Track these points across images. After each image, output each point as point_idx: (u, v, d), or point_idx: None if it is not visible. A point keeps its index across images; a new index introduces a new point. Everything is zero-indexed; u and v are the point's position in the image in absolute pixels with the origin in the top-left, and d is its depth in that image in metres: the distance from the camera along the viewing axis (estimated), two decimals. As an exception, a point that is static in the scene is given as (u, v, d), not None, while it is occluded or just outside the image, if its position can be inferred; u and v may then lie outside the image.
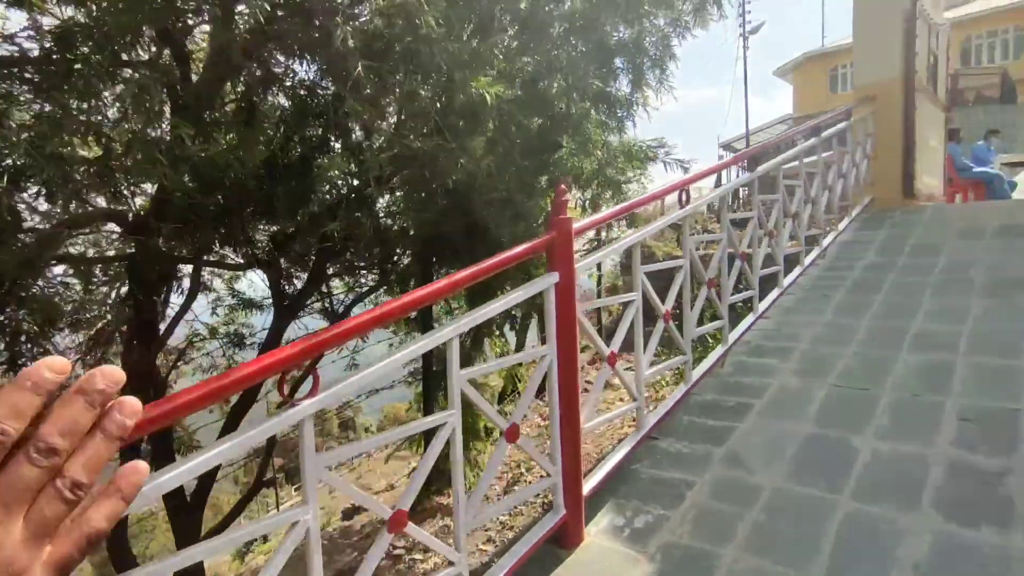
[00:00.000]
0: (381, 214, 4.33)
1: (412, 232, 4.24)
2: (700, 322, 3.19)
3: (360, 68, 2.14)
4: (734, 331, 3.27)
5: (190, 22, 3.03)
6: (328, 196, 3.45)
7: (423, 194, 3.57)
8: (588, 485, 2.18)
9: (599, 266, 12.65)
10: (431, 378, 5.48)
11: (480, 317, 1.85)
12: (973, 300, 3.28)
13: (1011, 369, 2.53)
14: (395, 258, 4.51)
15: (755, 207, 3.42)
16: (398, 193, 4.07)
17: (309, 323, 4.84)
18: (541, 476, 2.18)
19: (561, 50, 3.12)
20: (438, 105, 2.58)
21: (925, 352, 2.84)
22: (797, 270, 4.13)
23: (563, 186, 1.95)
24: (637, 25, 3.35)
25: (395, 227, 4.43)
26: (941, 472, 2.03)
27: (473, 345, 5.69)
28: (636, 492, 2.25)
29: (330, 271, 4.50)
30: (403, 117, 3.07)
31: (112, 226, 3.84)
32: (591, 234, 7.42)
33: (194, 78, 3.22)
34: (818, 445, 2.31)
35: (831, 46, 31.69)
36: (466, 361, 5.44)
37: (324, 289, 4.83)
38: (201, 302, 4.89)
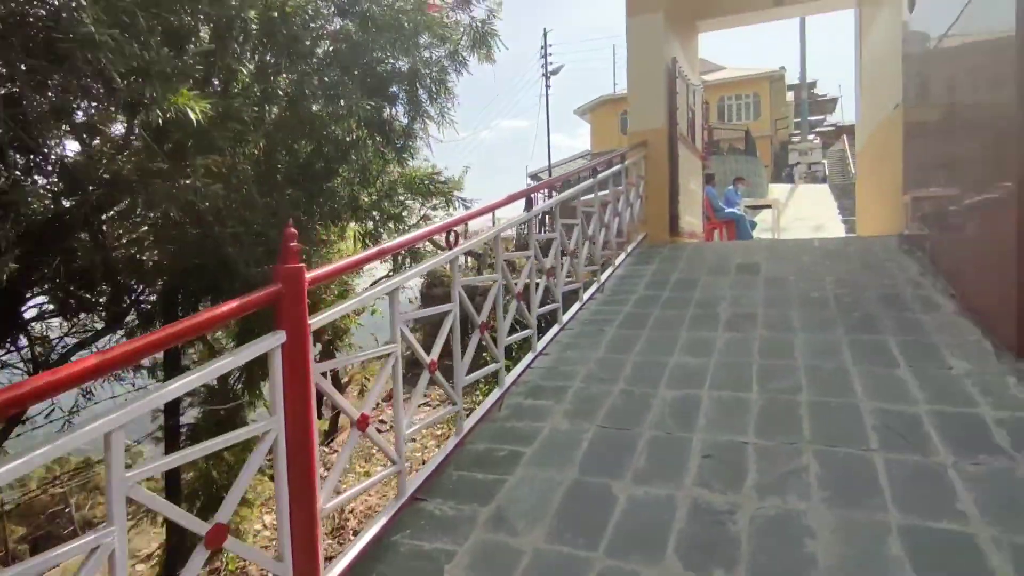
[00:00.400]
0: (119, 243, 3.59)
1: (158, 264, 3.57)
2: (479, 365, 3.07)
3: None
4: (512, 372, 3.22)
5: None
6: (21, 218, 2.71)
7: (163, 222, 2.99)
8: (334, 571, 1.88)
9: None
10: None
11: (194, 381, 1.50)
12: (719, 333, 3.64)
13: (742, 402, 2.79)
14: (133, 295, 3.77)
15: (531, 245, 3.45)
16: (137, 219, 3.40)
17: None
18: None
19: (327, 72, 2.83)
20: (136, 120, 2.13)
21: (679, 387, 3.03)
22: (576, 305, 4.28)
23: (291, 229, 1.65)
24: (415, 54, 3.19)
25: (139, 258, 3.71)
26: (685, 514, 2.09)
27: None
28: (392, 572, 2.00)
29: (30, 311, 3.60)
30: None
31: None
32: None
33: None
34: (581, 495, 2.28)
35: (620, 93, 35.75)
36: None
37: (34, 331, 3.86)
38: None
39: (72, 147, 2.68)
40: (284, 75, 2.82)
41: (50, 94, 1.98)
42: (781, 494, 2.13)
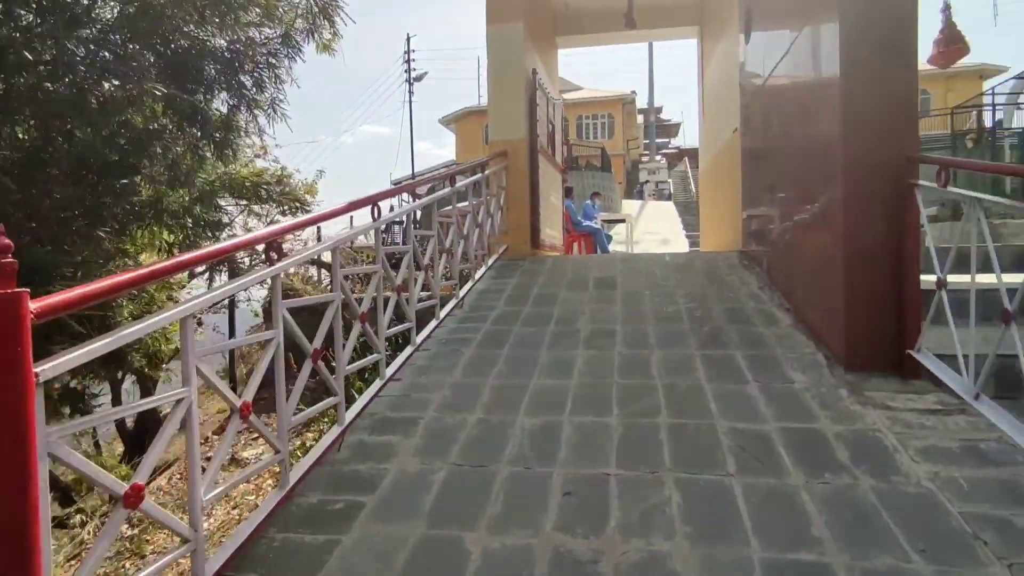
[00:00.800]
0: None
1: None
2: (318, 398, 2.64)
3: None
4: (356, 404, 2.83)
5: None
6: None
7: None
8: None
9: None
10: None
11: None
12: (579, 351, 3.53)
13: (603, 428, 2.65)
14: None
15: (379, 260, 3.09)
16: None
17: None
18: None
19: (111, 43, 2.25)
20: None
21: (540, 413, 2.83)
22: (433, 323, 3.97)
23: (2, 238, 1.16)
24: (236, 31, 2.69)
25: None
26: (546, 568, 1.86)
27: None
28: None
29: None
30: None
31: None
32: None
33: None
34: (429, 555, 1.96)
35: (485, 104, 36.22)
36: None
37: None
38: None
39: None
40: (51, 40, 2.19)
41: None
42: (645, 535, 1.97)
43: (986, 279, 2.50)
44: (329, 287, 3.05)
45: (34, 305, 1.22)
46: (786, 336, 3.54)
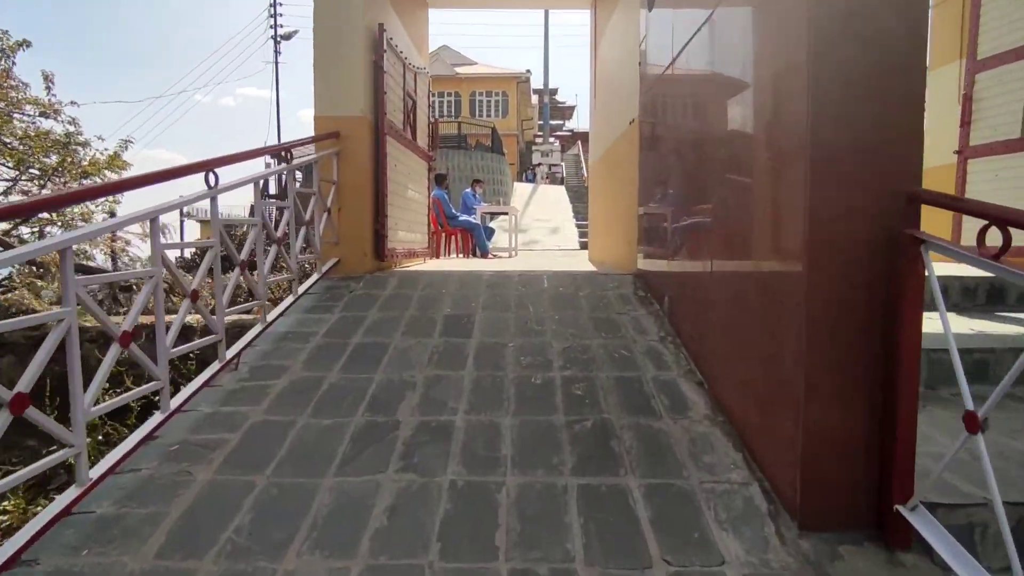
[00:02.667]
0: None
1: None
2: None
3: None
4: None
5: None
6: None
7: None
8: None
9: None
10: None
11: None
12: (387, 475, 2.17)
13: None
14: None
15: (67, 295, 1.53)
16: None
17: None
18: None
19: None
20: None
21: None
22: (179, 398, 2.42)
23: None
24: None
25: None
26: None
27: None
28: None
29: None
30: None
31: None
32: None
33: None
34: None
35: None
36: None
37: None
38: None
39: None
40: None
41: None
42: None
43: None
44: None
45: None
46: (702, 441, 2.38)
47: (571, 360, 3.07)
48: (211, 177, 2.73)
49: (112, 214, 8.43)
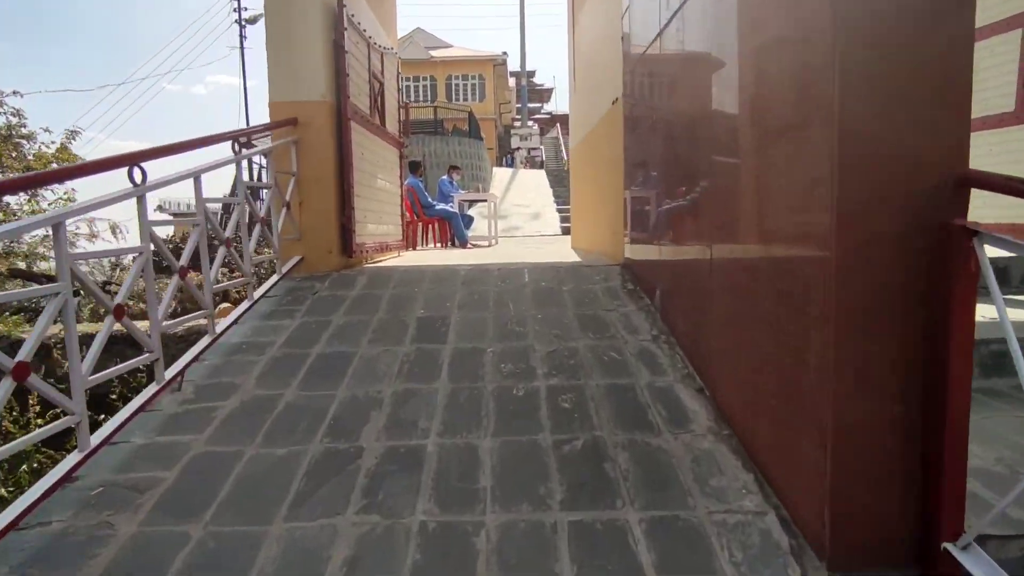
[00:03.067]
0: None
1: None
2: None
3: None
4: None
5: None
6: None
7: None
8: None
9: None
10: None
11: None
12: (346, 517, 1.86)
13: None
14: None
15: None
16: None
17: None
18: None
19: None
20: None
21: None
22: (109, 427, 2.08)
23: None
24: None
25: None
26: None
27: None
28: None
29: None
30: None
31: None
32: None
33: None
34: None
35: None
36: None
37: None
38: None
39: None
40: None
41: None
42: None
43: None
44: None
45: None
46: (707, 460, 2.10)
47: (557, 366, 2.77)
48: (137, 173, 2.35)
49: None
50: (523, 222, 16.61)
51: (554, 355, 2.89)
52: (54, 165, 7.27)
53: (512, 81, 40.36)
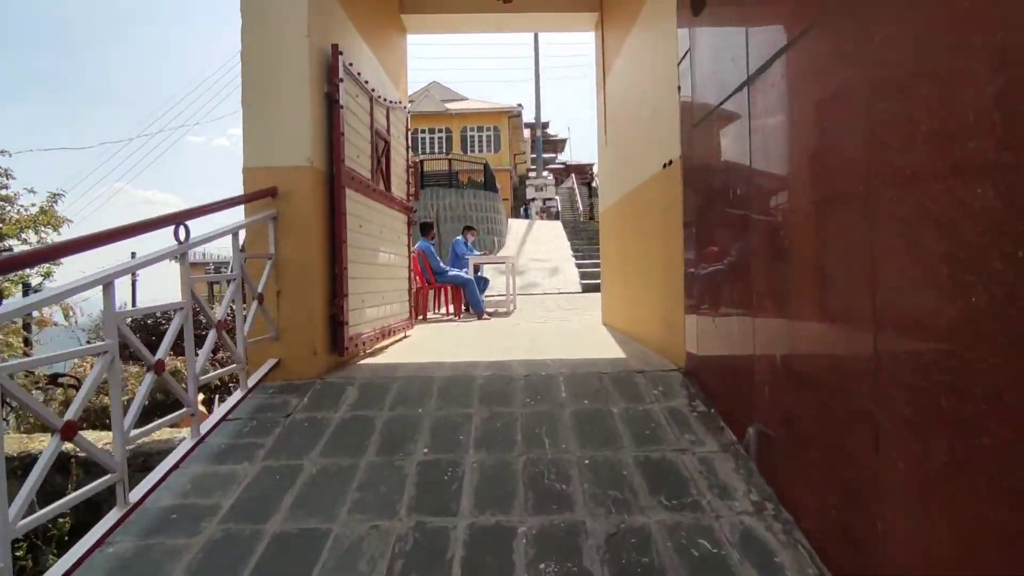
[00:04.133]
0: None
1: None
2: None
3: None
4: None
5: None
6: None
7: None
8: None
9: None
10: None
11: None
12: None
13: None
14: None
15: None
16: None
17: None
18: None
19: None
20: None
21: None
22: None
23: None
24: None
25: None
26: None
27: None
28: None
29: None
30: None
31: None
32: None
33: None
34: None
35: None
36: None
37: None
38: None
39: None
40: None
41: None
42: None
43: None
44: None
45: None
46: None
47: (624, 567, 1.83)
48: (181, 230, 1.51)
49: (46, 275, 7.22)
50: (542, 278, 15.80)
51: (616, 541, 1.95)
52: (31, 231, 6.61)
53: (527, 132, 40.47)
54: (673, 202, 3.44)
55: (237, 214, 3.30)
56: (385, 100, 4.79)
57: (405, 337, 5.33)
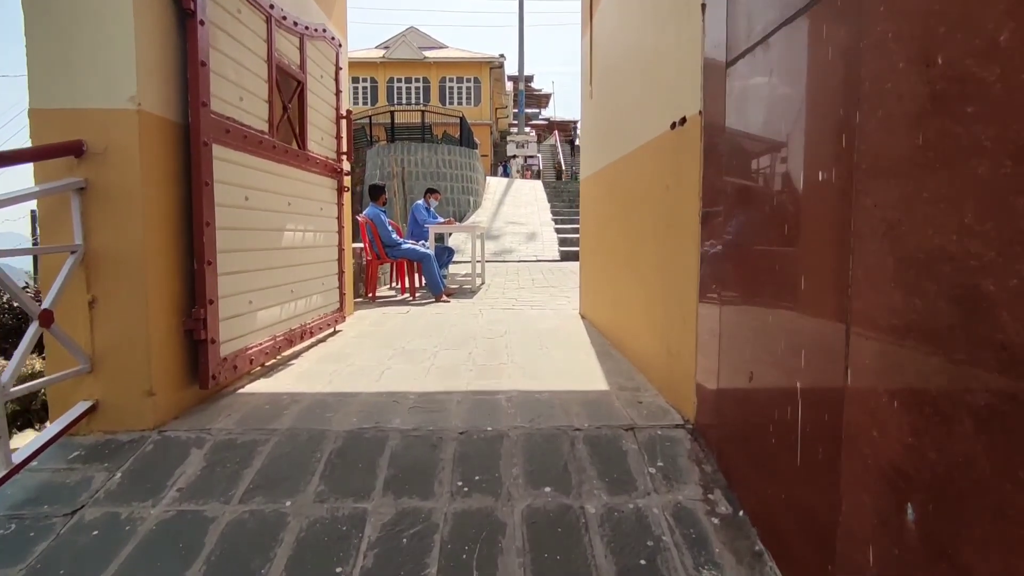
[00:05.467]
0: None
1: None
2: None
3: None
4: None
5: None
6: None
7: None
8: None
9: None
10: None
11: None
12: None
13: None
14: None
15: None
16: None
17: None
18: None
19: None
20: None
21: None
22: None
23: None
24: None
25: None
26: None
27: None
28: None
29: None
30: None
31: None
32: None
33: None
34: None
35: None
36: None
37: None
38: None
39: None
40: None
41: None
42: None
43: None
44: None
45: None
46: None
47: None
48: None
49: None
50: (518, 244, 14.69)
51: None
52: None
53: (509, 85, 38.50)
54: (684, 176, 2.36)
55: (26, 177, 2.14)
56: (297, 24, 3.55)
57: (334, 333, 4.24)
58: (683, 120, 2.39)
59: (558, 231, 15.66)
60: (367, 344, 3.91)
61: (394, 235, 6.42)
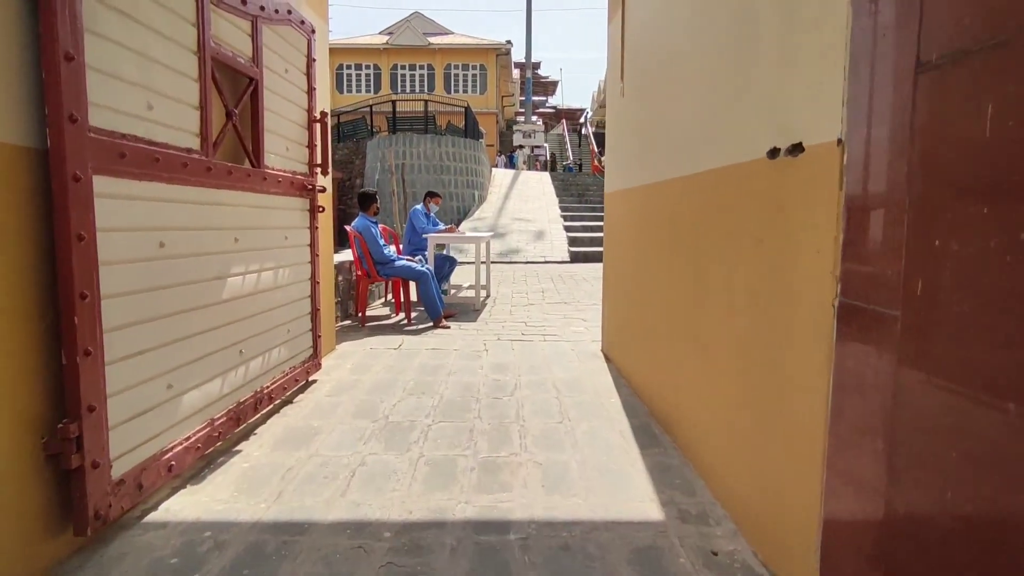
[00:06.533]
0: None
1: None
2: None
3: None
4: None
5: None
6: None
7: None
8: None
9: None
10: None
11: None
12: None
13: None
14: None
15: None
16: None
17: None
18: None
19: None
20: None
21: None
22: None
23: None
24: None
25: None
26: None
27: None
28: None
29: None
30: None
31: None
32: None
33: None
34: None
35: (335, 41, 29.54)
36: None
37: None
38: None
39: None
40: None
41: None
42: None
43: None
44: None
45: None
46: None
47: None
48: None
49: None
50: (525, 243, 13.84)
51: None
52: None
53: (516, 73, 37.39)
54: (793, 234, 1.54)
55: None
56: (248, 4, 2.72)
57: (307, 386, 3.45)
58: (794, 148, 1.56)
59: (567, 228, 14.80)
60: (342, 410, 3.12)
61: (387, 249, 5.60)
